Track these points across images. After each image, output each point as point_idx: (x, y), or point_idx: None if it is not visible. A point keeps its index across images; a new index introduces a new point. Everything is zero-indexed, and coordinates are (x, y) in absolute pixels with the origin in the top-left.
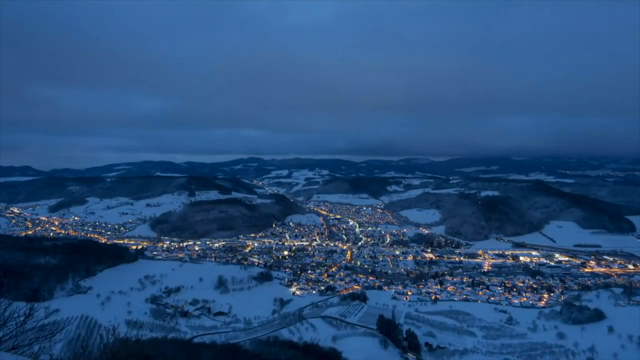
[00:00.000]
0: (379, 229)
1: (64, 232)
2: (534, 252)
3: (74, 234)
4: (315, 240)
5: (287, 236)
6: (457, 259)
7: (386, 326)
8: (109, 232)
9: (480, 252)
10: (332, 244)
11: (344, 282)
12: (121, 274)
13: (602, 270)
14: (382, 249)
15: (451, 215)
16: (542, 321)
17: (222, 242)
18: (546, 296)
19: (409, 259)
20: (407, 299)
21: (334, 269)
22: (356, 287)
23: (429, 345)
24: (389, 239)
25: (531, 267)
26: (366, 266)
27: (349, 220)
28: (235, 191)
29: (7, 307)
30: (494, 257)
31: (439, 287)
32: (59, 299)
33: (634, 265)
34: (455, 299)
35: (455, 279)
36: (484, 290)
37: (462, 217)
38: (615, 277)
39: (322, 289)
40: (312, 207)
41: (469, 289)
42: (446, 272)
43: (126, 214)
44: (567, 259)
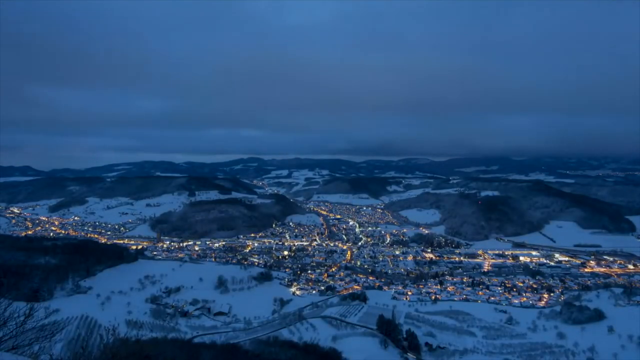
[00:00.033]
0: (379, 229)
1: (64, 232)
2: (534, 252)
3: (74, 234)
4: (315, 240)
5: (287, 236)
6: (457, 259)
7: (386, 326)
8: (109, 232)
9: (480, 252)
10: (332, 244)
11: (344, 282)
12: (121, 274)
13: (602, 270)
14: (382, 249)
15: (451, 215)
16: (542, 321)
17: (222, 242)
18: (546, 296)
19: (409, 259)
20: (407, 299)
21: (334, 269)
22: (356, 287)
23: (429, 345)
24: (389, 239)
25: (531, 267)
26: (366, 266)
27: (349, 220)
28: (235, 191)
29: (7, 307)
30: (494, 257)
31: (439, 287)
32: (59, 299)
33: (634, 265)
34: (455, 299)
35: (455, 279)
36: (484, 290)
37: (462, 217)
38: (615, 277)
39: (322, 289)
40: (312, 207)
41: (469, 289)
42: (446, 272)
43: (126, 214)
44: (567, 259)
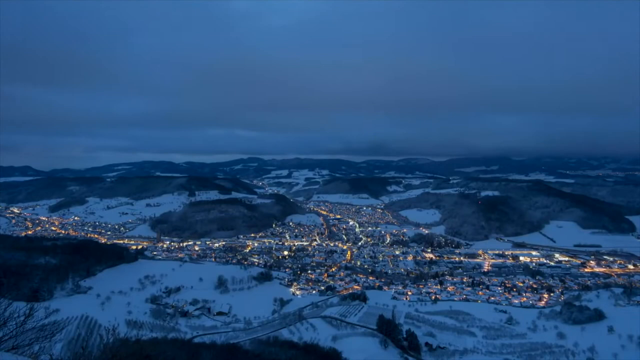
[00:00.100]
0: (379, 229)
1: (64, 232)
2: (534, 252)
3: (74, 234)
4: (315, 240)
5: (287, 236)
6: (457, 259)
7: (386, 326)
8: (109, 232)
9: (480, 252)
10: (332, 244)
11: (344, 282)
12: (121, 274)
13: (602, 270)
14: (382, 249)
15: (451, 215)
16: (542, 321)
17: (222, 242)
18: (546, 296)
19: (409, 259)
20: (407, 299)
21: (334, 269)
22: (356, 287)
23: (429, 345)
24: (389, 239)
25: (531, 267)
26: (366, 266)
27: (349, 220)
28: (235, 191)
29: (7, 307)
30: (494, 257)
31: (439, 287)
32: (59, 299)
33: (634, 265)
34: (455, 299)
35: (455, 279)
36: (484, 290)
37: (462, 217)
38: (615, 277)
39: (322, 289)
40: (312, 207)
41: (469, 289)
42: (446, 272)
43: (126, 214)
44: (567, 259)
